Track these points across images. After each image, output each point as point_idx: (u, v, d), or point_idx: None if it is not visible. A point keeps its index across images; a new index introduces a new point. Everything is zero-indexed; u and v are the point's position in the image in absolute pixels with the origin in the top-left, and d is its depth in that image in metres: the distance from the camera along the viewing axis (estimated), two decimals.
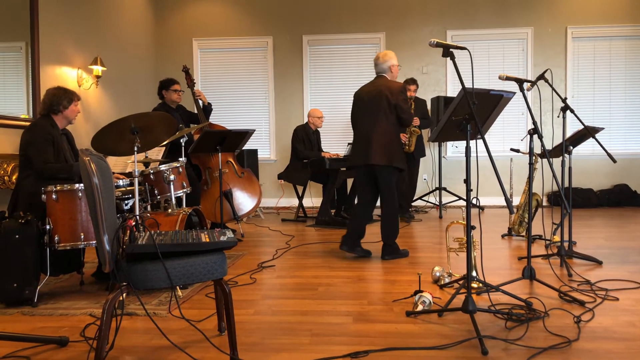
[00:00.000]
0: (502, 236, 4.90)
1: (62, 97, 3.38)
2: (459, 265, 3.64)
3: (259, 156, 6.88)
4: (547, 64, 7.24)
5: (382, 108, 3.95)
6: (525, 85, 3.14)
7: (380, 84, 4.04)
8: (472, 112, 2.36)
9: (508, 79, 3.09)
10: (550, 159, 3.13)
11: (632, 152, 7.28)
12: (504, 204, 6.69)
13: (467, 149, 2.46)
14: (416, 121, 5.87)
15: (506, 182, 6.16)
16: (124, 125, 2.93)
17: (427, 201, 7.22)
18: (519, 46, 7.41)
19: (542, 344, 2.23)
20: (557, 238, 4.11)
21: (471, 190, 2.46)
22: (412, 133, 5.95)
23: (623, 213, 6.51)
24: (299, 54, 7.61)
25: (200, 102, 5.12)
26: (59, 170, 3.24)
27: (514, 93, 2.76)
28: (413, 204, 7.24)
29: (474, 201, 3.36)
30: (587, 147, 5.43)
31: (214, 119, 5.43)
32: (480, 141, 2.55)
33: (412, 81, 6.30)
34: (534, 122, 2.98)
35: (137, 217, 2.13)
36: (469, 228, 2.52)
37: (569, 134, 5.38)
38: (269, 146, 7.68)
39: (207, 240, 2.06)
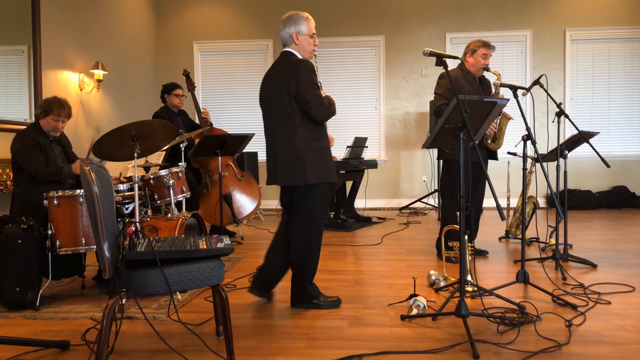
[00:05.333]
0: (499, 239, 4.94)
1: (39, 107, 3.49)
2: (455, 269, 3.69)
3: (258, 159, 6.92)
4: (546, 66, 7.27)
5: (282, 105, 2.82)
6: (520, 91, 3.19)
7: (279, 67, 2.87)
8: (465, 121, 2.40)
9: (502, 85, 3.14)
10: (544, 165, 3.17)
11: (630, 154, 7.31)
12: (502, 206, 6.72)
13: (460, 157, 2.50)
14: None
15: (504, 184, 6.19)
16: (125, 132, 2.98)
17: (427, 203, 7.25)
18: (517, 49, 7.44)
19: (533, 348, 2.28)
20: (553, 241, 4.15)
21: (462, 196, 2.51)
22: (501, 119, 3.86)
23: (621, 215, 6.55)
24: None
25: (200, 107, 5.19)
26: (49, 174, 3.33)
27: (508, 100, 2.80)
28: (412, 205, 7.30)
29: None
30: (586, 149, 5.40)
31: (214, 121, 5.47)
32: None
33: (486, 45, 4.02)
34: (528, 129, 3.02)
35: (137, 224, 2.18)
36: (462, 232, 2.57)
37: (566, 136, 5.42)
38: None
39: (205, 247, 2.11)
